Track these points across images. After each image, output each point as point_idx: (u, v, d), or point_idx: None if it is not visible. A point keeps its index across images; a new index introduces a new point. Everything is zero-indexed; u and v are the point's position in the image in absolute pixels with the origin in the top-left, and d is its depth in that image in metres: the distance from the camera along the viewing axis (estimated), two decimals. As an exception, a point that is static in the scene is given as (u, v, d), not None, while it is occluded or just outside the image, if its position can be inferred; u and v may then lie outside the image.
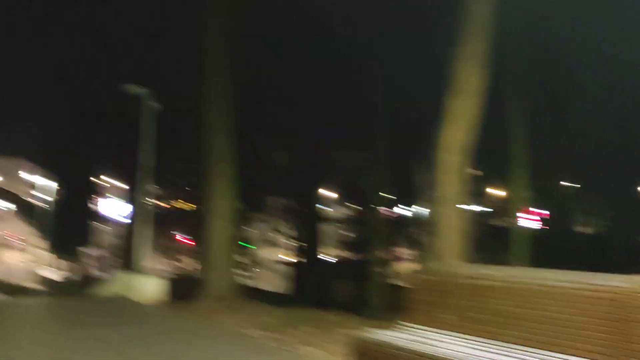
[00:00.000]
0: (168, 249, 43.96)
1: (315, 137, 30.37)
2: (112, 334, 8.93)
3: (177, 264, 35.87)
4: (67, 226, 35.38)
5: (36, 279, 59.34)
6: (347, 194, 47.21)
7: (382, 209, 50.69)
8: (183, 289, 14.47)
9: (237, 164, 13.15)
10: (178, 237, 45.62)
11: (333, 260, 42.13)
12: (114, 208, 59.23)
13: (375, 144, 17.92)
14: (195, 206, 50.69)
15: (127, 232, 33.58)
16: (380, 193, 43.36)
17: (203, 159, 13.26)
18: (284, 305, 13.93)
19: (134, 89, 15.27)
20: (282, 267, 51.60)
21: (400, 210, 47.72)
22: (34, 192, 41.44)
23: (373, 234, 19.04)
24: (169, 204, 45.87)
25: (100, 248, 41.26)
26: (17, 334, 9.02)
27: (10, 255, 68.54)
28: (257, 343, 8.59)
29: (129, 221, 34.51)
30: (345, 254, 51.75)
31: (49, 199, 26.30)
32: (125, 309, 11.82)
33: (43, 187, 35.74)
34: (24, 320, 10.60)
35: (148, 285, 12.60)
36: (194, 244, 46.17)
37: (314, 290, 30.51)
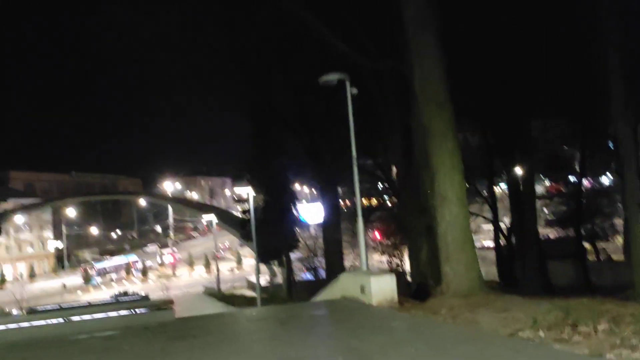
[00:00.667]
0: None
1: (509, 107, 27.22)
2: (362, 344, 7.62)
3: (390, 259, 34.70)
4: (271, 233, 36.08)
5: (248, 286, 62.98)
6: (547, 167, 42.96)
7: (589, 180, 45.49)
8: (414, 287, 12.93)
9: (458, 141, 11.28)
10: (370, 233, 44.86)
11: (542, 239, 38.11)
12: (310, 212, 60.70)
13: (612, 103, 14.77)
14: (377, 201, 49.93)
15: (330, 235, 33.38)
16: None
17: (422, 139, 11.59)
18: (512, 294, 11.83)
19: (335, 76, 13.98)
20: (482, 253, 48.58)
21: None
22: (238, 206, 43.38)
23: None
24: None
25: (304, 252, 41.91)
26: (261, 348, 8.10)
27: (221, 265, 73.78)
28: (556, 351, 6.64)
29: (326, 224, 34.24)
30: (551, 231, 47.18)
31: (252, 209, 26.79)
32: (361, 313, 10.55)
33: (246, 199, 37.00)
34: (261, 332, 9.79)
35: (377, 285, 11.23)
36: (381, 238, 45.13)
37: (533, 274, 27.40)
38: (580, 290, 32.67)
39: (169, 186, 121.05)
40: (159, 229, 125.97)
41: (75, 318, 11.38)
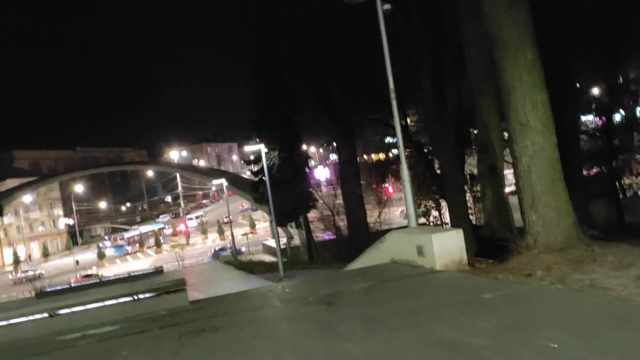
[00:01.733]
0: (380, 202, 40.90)
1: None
2: (459, 334, 5.20)
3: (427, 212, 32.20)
4: (286, 193, 33.69)
5: (264, 250, 61.05)
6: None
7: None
8: (480, 242, 10.47)
9: (537, 52, 8.59)
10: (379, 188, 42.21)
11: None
12: (321, 171, 58.47)
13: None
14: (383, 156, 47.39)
15: (350, 190, 30.96)
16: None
17: (481, 54, 8.92)
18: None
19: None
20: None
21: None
22: (247, 169, 40.82)
23: None
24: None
25: (319, 211, 39.52)
26: (314, 347, 5.68)
27: (235, 231, 71.95)
28: None
29: (345, 179, 31.77)
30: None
31: (266, 168, 24.21)
32: (428, 282, 8.14)
33: (257, 158, 34.52)
34: (304, 319, 7.32)
35: (440, 244, 8.80)
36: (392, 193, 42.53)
37: (581, 215, 24.93)
38: (617, 229, 30.35)
39: (176, 155, 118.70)
40: (168, 199, 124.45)
41: (65, 311, 9.06)
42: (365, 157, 45.10)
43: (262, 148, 24.24)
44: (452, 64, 16.95)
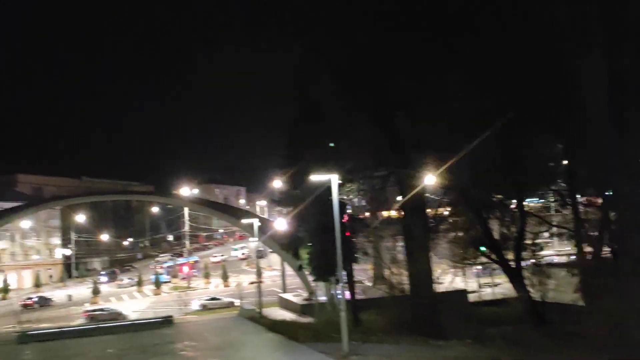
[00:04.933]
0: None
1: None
2: None
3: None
4: (326, 243, 28.05)
5: (281, 305, 54.79)
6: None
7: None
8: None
9: None
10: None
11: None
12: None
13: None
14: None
15: (416, 244, 25.66)
16: None
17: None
18: None
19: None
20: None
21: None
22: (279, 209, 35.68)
23: None
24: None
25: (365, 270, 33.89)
26: None
27: (240, 278, 65.67)
28: None
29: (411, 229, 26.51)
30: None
31: (336, 203, 19.15)
32: None
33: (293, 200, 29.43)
34: None
35: None
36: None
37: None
38: None
39: (186, 192, 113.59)
40: (170, 238, 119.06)
41: None
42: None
43: (333, 178, 19.06)
44: None
